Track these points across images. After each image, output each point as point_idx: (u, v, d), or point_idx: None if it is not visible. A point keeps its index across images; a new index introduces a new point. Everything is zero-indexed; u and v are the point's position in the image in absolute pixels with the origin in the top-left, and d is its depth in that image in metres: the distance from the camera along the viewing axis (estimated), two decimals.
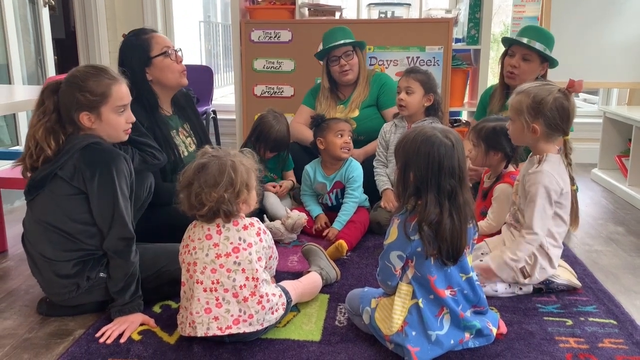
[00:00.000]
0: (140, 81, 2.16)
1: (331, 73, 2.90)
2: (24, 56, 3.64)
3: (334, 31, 2.87)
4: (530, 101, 1.81)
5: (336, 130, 2.48)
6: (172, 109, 2.36)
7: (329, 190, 2.54)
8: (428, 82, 2.52)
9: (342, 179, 2.52)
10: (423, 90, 2.51)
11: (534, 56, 2.53)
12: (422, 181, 1.47)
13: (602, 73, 3.73)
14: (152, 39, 2.21)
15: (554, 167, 1.82)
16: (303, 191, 2.63)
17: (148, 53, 2.19)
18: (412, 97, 2.51)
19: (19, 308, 1.88)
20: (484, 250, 2.01)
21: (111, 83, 1.72)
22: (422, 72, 2.55)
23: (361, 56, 2.89)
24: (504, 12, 6.35)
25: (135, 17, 4.14)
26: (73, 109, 1.70)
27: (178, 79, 2.26)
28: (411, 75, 2.52)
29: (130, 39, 2.23)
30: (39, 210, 1.72)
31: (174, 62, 2.23)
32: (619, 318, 1.77)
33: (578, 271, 2.08)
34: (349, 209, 2.44)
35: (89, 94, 1.69)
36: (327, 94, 2.93)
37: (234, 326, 1.54)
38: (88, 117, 1.71)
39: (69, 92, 1.70)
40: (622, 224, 2.75)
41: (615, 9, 3.66)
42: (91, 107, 1.70)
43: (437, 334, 1.49)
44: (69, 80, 1.72)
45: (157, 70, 2.21)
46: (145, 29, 2.30)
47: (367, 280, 2.03)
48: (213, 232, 1.58)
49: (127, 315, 1.69)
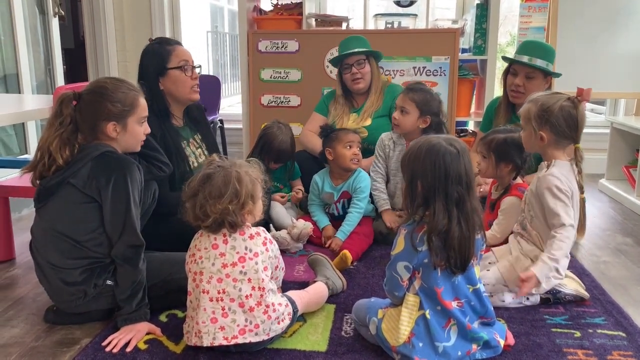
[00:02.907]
0: (153, 89, 2.19)
1: (344, 81, 2.91)
2: (34, 66, 3.68)
3: (350, 39, 2.88)
4: (537, 109, 1.83)
5: (345, 142, 2.48)
6: (184, 120, 2.38)
7: (336, 200, 2.54)
8: (425, 103, 2.39)
9: (349, 189, 2.52)
10: (418, 111, 2.39)
11: (537, 73, 2.52)
12: (429, 190, 1.47)
13: (610, 83, 3.72)
14: (174, 50, 2.24)
15: (562, 171, 1.82)
16: (310, 201, 2.63)
17: (165, 64, 2.22)
18: (405, 118, 2.41)
19: (26, 316, 1.88)
20: (491, 260, 2.00)
21: (137, 95, 1.78)
22: (421, 92, 2.41)
23: (375, 66, 2.89)
24: (510, 23, 6.37)
25: (144, 27, 4.17)
26: (100, 118, 1.72)
27: (188, 93, 2.27)
28: (408, 95, 2.41)
29: (153, 45, 2.26)
30: (48, 218, 1.73)
31: (188, 78, 2.25)
32: (627, 330, 1.75)
33: (586, 282, 2.07)
34: (353, 219, 2.43)
35: (120, 104, 1.72)
36: (341, 101, 2.93)
37: (240, 336, 1.54)
38: (114, 127, 1.73)
39: (96, 102, 1.72)
40: (631, 235, 2.74)
41: (622, 19, 3.66)
42: (120, 117, 1.73)
43: (445, 345, 1.48)
44: (94, 90, 1.74)
45: (170, 82, 2.24)
46: (170, 39, 2.35)
47: (374, 290, 2.02)
48: (219, 242, 1.58)
49: (133, 324, 1.69)
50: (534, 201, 1.87)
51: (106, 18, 4.07)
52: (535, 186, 1.86)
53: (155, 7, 4.13)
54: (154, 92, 2.19)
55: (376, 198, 2.57)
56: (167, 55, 2.22)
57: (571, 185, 1.82)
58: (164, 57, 2.22)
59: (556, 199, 1.78)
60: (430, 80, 3.49)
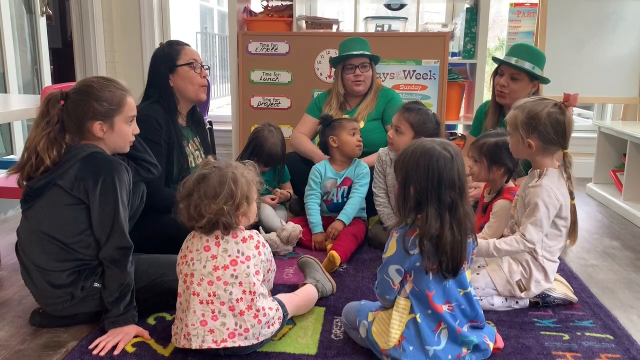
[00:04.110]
0: (162, 85, 2.29)
1: (344, 81, 2.90)
2: (21, 65, 3.64)
3: (353, 40, 2.88)
4: (524, 117, 1.82)
5: (350, 129, 2.56)
6: (188, 121, 2.44)
7: (338, 185, 2.57)
8: (421, 124, 2.33)
9: (351, 175, 2.58)
10: (413, 133, 2.32)
11: (523, 75, 2.54)
12: (422, 194, 1.46)
13: (597, 88, 3.76)
14: (183, 49, 2.33)
15: (553, 181, 1.82)
16: (309, 190, 2.59)
17: (175, 61, 2.30)
18: (400, 138, 2.35)
19: (12, 319, 1.85)
20: (480, 264, 2.00)
21: (124, 94, 1.76)
22: (418, 113, 2.35)
23: (374, 70, 2.90)
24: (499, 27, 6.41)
25: (133, 27, 4.14)
26: (87, 117, 1.70)
27: (197, 91, 2.35)
28: (404, 115, 2.35)
29: (163, 47, 2.36)
30: (35, 220, 1.71)
31: (197, 75, 2.32)
32: (615, 333, 1.76)
33: (574, 286, 2.08)
34: (354, 204, 2.51)
35: (106, 103, 1.71)
36: (335, 103, 2.91)
37: (230, 340, 1.53)
38: (101, 126, 1.72)
39: (83, 100, 1.71)
40: (618, 238, 2.76)
41: (610, 24, 3.70)
42: (106, 116, 1.72)
43: (435, 349, 1.48)
44: (81, 90, 1.73)
45: (179, 79, 2.31)
46: (180, 41, 2.43)
47: (364, 293, 2.02)
48: (212, 244, 1.57)
49: (121, 326, 1.67)
50: (523, 209, 1.87)
51: (94, 18, 4.04)
52: (525, 194, 1.86)
53: (145, 7, 4.11)
54: (164, 87, 2.29)
55: (380, 213, 2.53)
56: (176, 53, 2.32)
57: (561, 195, 1.82)
58: (174, 55, 2.31)
59: (539, 212, 1.79)
60: (419, 84, 3.51)
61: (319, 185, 2.60)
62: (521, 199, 1.89)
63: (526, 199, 1.84)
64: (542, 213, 1.80)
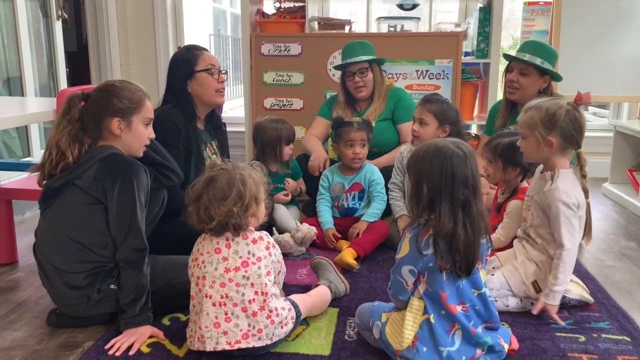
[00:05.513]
0: (180, 90, 2.34)
1: (347, 87, 2.91)
2: (37, 69, 3.68)
3: (354, 45, 2.86)
4: (543, 115, 1.80)
5: (346, 141, 2.52)
6: (206, 125, 2.48)
7: (347, 189, 2.56)
8: (443, 113, 2.38)
9: (361, 181, 2.56)
10: (437, 122, 2.37)
11: (531, 70, 2.53)
12: (435, 192, 1.46)
13: (613, 87, 3.71)
14: (201, 55, 2.36)
15: (567, 182, 1.80)
16: (320, 195, 2.61)
17: (193, 67, 2.34)
18: (424, 129, 2.39)
19: (29, 319, 1.88)
20: (495, 264, 1.99)
21: (144, 96, 1.80)
22: (438, 103, 2.41)
23: (377, 72, 2.88)
24: (512, 26, 6.37)
25: (147, 30, 4.18)
26: (106, 113, 1.73)
27: (214, 96, 2.38)
28: (425, 107, 2.39)
29: (182, 51, 2.39)
30: (52, 220, 1.73)
31: (214, 81, 2.35)
32: (632, 334, 1.74)
33: (590, 287, 2.06)
34: (378, 207, 2.50)
35: (127, 101, 1.75)
36: (343, 106, 2.93)
37: (243, 341, 1.54)
38: (119, 123, 1.74)
39: (103, 97, 1.74)
40: (635, 238, 2.72)
41: (625, 22, 3.66)
42: (125, 113, 1.75)
43: (449, 350, 1.47)
44: (102, 88, 1.77)
45: (197, 85, 2.34)
46: (198, 46, 2.46)
47: (377, 294, 2.01)
48: (222, 246, 1.57)
49: (136, 327, 1.68)
50: (540, 213, 1.85)
51: (109, 21, 4.08)
52: (540, 198, 1.84)
53: (159, 10, 4.14)
54: (181, 92, 2.34)
55: (393, 206, 2.56)
56: (194, 59, 2.34)
57: (578, 195, 1.80)
58: (192, 61, 2.34)
59: (562, 215, 1.77)
60: (433, 84, 3.49)
61: (327, 189, 2.60)
62: (536, 203, 1.87)
63: (544, 203, 1.82)
64: (568, 214, 1.77)
